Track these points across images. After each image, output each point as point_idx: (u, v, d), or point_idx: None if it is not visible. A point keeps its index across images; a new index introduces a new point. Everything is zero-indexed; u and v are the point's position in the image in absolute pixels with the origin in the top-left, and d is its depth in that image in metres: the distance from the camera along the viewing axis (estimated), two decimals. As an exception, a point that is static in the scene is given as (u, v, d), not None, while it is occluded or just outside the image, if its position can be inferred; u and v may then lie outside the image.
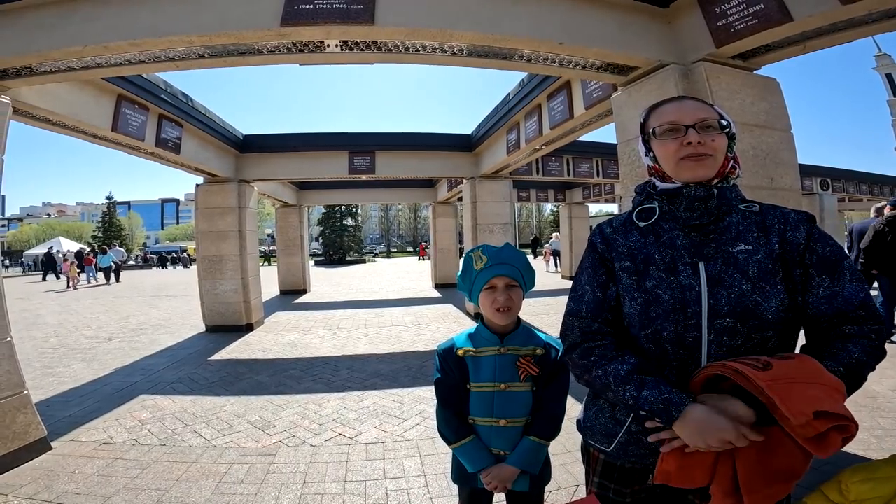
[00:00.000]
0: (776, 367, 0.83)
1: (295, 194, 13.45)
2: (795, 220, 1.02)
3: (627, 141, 3.45)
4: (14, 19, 2.88)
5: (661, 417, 0.92)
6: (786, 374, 0.81)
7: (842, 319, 0.93)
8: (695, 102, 1.08)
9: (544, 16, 3.04)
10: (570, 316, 1.13)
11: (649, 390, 0.94)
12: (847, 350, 0.89)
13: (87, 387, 4.79)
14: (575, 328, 1.10)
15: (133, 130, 5.00)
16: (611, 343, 1.05)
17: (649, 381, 0.95)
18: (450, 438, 1.42)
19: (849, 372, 0.87)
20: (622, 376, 0.98)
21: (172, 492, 2.63)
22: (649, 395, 0.93)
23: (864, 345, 0.90)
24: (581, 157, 10.05)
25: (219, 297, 7.77)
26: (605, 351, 1.04)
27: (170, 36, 2.82)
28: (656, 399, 0.92)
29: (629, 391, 0.96)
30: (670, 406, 0.91)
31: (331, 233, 36.00)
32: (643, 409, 0.94)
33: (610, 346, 1.05)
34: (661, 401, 0.92)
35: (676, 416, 0.90)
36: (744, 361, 0.87)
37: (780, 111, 3.21)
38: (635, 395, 0.95)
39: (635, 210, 1.14)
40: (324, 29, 2.87)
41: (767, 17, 2.71)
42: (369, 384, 4.64)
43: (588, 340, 1.06)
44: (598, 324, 1.08)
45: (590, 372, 1.04)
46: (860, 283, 0.96)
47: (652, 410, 0.93)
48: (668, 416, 0.91)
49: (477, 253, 1.44)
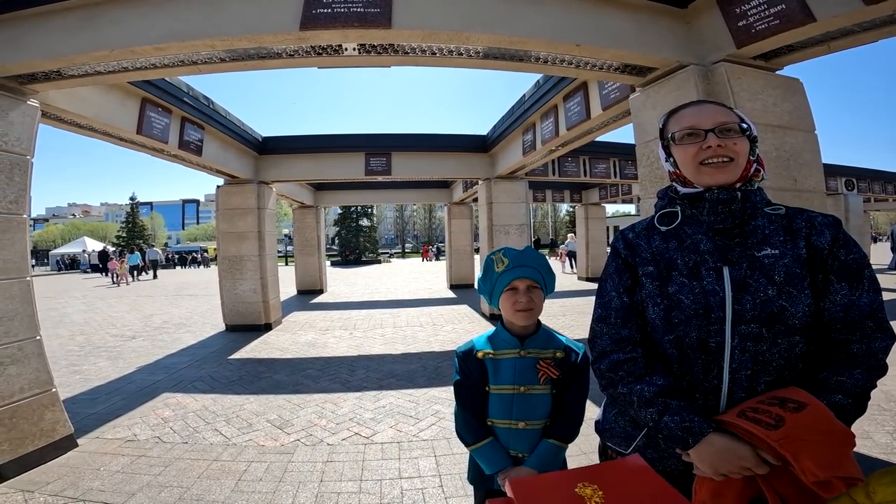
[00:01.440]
0: (789, 422, 0.83)
1: (312, 195, 13.61)
2: (822, 224, 1.01)
3: (646, 142, 3.41)
4: (43, 23, 2.97)
5: (679, 444, 0.93)
6: (797, 433, 0.82)
7: (851, 329, 0.93)
8: (714, 106, 1.07)
9: (561, 17, 3.03)
10: (599, 322, 1.12)
11: (671, 416, 0.94)
12: (853, 377, 0.90)
13: (113, 384, 4.93)
14: (604, 335, 1.10)
15: (157, 133, 5.12)
16: (640, 357, 1.04)
17: (673, 405, 0.95)
18: (468, 440, 1.42)
19: (856, 401, 0.89)
20: (646, 399, 0.98)
21: (194, 489, 2.69)
22: (670, 420, 0.94)
23: (871, 365, 0.91)
24: (598, 157, 9.96)
25: (238, 296, 7.90)
26: (633, 367, 1.03)
27: (193, 40, 2.89)
28: (676, 426, 0.93)
29: (651, 414, 0.97)
30: (688, 435, 0.92)
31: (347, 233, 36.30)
32: (661, 434, 0.96)
33: (639, 360, 1.04)
34: (680, 428, 0.93)
35: (692, 445, 0.91)
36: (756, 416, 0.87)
37: (803, 112, 3.14)
38: (656, 419, 0.96)
39: (657, 214, 1.13)
40: (342, 32, 2.90)
41: (789, 18, 2.66)
42: (385, 384, 4.68)
43: (618, 350, 1.06)
44: (628, 330, 1.07)
45: (615, 387, 1.05)
46: (875, 293, 0.95)
47: (670, 437, 0.94)
48: (684, 444, 0.92)
49: (498, 255, 1.44)
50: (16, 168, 3.10)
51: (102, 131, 4.66)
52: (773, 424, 0.83)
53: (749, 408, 0.88)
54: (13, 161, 3.08)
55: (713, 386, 0.98)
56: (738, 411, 0.89)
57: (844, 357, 0.92)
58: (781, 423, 0.83)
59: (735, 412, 0.89)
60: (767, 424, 0.83)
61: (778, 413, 0.85)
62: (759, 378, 0.95)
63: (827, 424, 0.84)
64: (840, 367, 0.92)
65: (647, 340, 1.07)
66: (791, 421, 0.83)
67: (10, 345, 2.99)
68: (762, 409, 0.86)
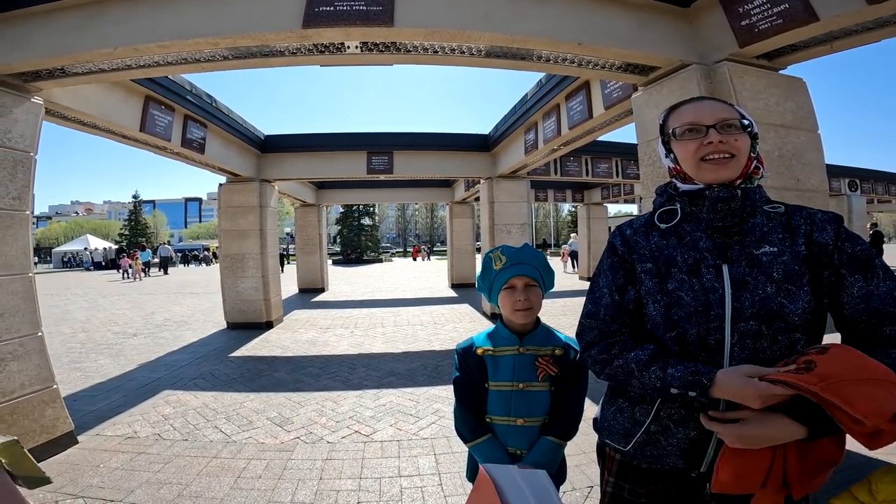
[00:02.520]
0: (820, 364, 0.80)
1: (314, 194, 13.62)
2: (822, 220, 1.00)
3: (648, 141, 3.41)
4: (47, 21, 2.98)
5: (694, 389, 0.91)
6: (833, 372, 0.77)
7: (880, 320, 0.90)
8: (714, 103, 1.07)
9: (563, 16, 3.02)
10: (588, 318, 1.12)
11: (674, 367, 0.94)
12: (889, 355, 0.85)
13: (114, 381, 4.94)
14: (593, 329, 1.10)
15: (160, 131, 5.13)
16: (629, 338, 1.06)
17: (672, 360, 0.96)
18: (467, 436, 1.42)
19: None
20: (644, 360, 0.98)
21: (193, 486, 2.70)
22: (675, 371, 0.93)
23: None
24: (600, 157, 9.95)
25: (240, 294, 7.92)
26: (623, 344, 1.05)
27: (196, 38, 2.89)
28: (683, 373, 0.92)
29: (654, 372, 0.96)
30: (700, 375, 0.90)
31: (348, 232, 36.36)
32: (673, 387, 0.93)
33: (629, 340, 1.06)
34: (688, 373, 0.92)
35: (709, 384, 0.89)
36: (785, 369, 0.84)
37: (806, 111, 3.13)
38: (661, 375, 0.95)
39: (656, 212, 1.13)
40: (344, 30, 2.90)
41: (792, 17, 2.65)
42: (385, 383, 4.69)
43: (607, 338, 1.07)
44: (617, 325, 1.08)
45: (610, 364, 1.05)
46: (893, 281, 0.93)
47: (682, 385, 0.92)
48: (700, 386, 0.90)
49: (496, 253, 1.44)
50: (19, 165, 3.10)
51: (106, 129, 4.67)
52: (804, 368, 0.80)
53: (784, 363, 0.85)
54: (16, 158, 3.09)
55: None
56: None
57: (878, 341, 0.90)
58: (813, 366, 0.79)
59: None
60: (798, 370, 0.80)
61: (807, 359, 0.81)
62: None
63: (863, 365, 0.79)
64: (874, 349, 0.89)
65: (636, 335, 1.08)
66: (822, 363, 0.79)
67: (12, 341, 3.00)
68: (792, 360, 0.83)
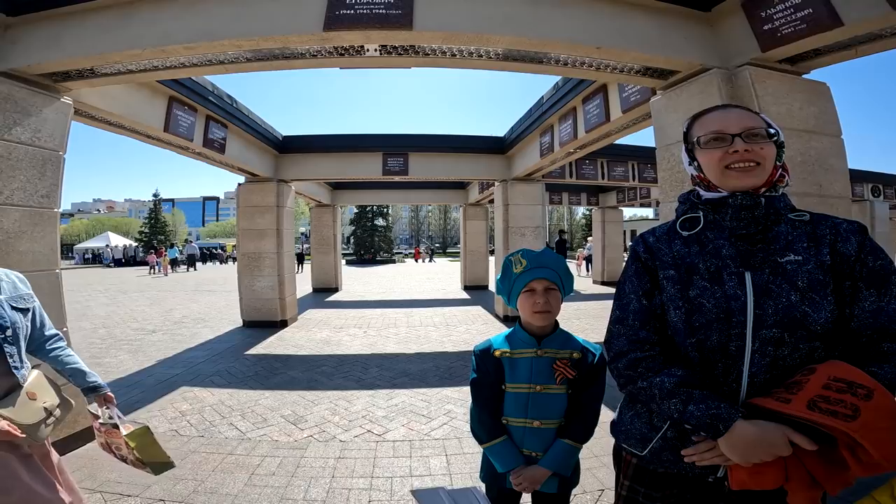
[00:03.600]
0: (864, 412, 0.82)
1: (329, 194, 13.75)
2: (847, 231, 1.00)
3: (667, 145, 3.37)
4: (78, 22, 3.06)
5: (708, 432, 0.92)
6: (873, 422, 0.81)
7: (882, 335, 0.92)
8: (740, 111, 1.06)
9: (582, 19, 3.01)
10: (616, 324, 1.12)
11: (696, 405, 0.94)
12: (883, 370, 0.88)
13: (133, 377, 5.05)
14: (621, 336, 1.10)
15: (183, 131, 5.24)
16: (658, 354, 1.04)
17: (697, 394, 0.95)
18: (482, 437, 1.43)
19: None
20: (668, 389, 0.98)
21: (208, 482, 2.74)
22: (696, 409, 0.93)
23: None
24: (616, 160, 9.88)
25: (256, 293, 8.02)
26: (651, 363, 1.03)
27: (221, 40, 2.94)
28: (703, 414, 0.92)
29: (674, 405, 0.96)
30: (717, 421, 0.91)
31: (362, 232, 36.58)
32: (688, 424, 0.95)
33: (657, 357, 1.04)
34: (707, 416, 0.92)
35: (724, 432, 0.90)
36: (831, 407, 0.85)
37: (829, 116, 3.07)
38: (681, 409, 0.95)
39: (679, 219, 1.13)
40: (364, 33, 2.94)
41: (816, 22, 2.60)
42: (398, 383, 4.71)
43: (635, 350, 1.06)
44: (646, 332, 1.07)
45: (634, 383, 1.05)
46: None
47: (698, 425, 0.93)
48: (714, 432, 0.91)
49: (516, 256, 1.45)
50: (48, 163, 3.20)
51: (131, 129, 4.78)
52: (851, 415, 0.82)
53: (819, 396, 0.86)
54: (45, 156, 3.18)
55: (731, 389, 0.98)
56: (806, 401, 0.86)
57: (875, 355, 0.91)
58: (857, 412, 0.82)
59: (803, 403, 0.86)
60: (845, 416, 0.82)
61: (853, 402, 0.83)
62: (777, 382, 0.94)
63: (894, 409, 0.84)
64: (870, 362, 0.90)
65: (664, 343, 1.07)
66: (866, 410, 0.83)
67: (39, 334, 3.08)
68: (834, 399, 0.84)
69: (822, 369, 0.89)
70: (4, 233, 2.94)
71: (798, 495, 0.89)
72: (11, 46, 3.07)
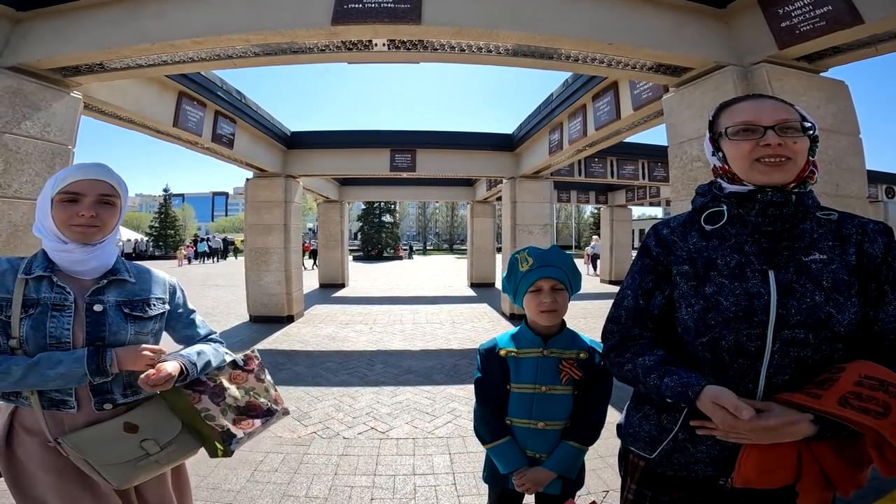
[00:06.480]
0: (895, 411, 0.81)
1: (337, 190, 13.77)
2: (874, 231, 0.97)
3: (679, 143, 3.32)
4: (87, 17, 3.08)
5: (681, 399, 0.93)
6: None
7: None
8: (774, 102, 1.00)
9: (593, 15, 2.97)
10: (610, 322, 1.13)
11: (671, 377, 0.95)
12: None
13: (140, 368, 5.07)
14: (615, 334, 1.11)
15: (192, 126, 5.26)
16: (648, 341, 1.06)
17: (674, 370, 0.96)
18: (486, 438, 1.41)
19: None
20: (648, 366, 1.00)
21: (210, 478, 2.73)
22: (670, 381, 0.95)
23: None
24: (626, 158, 9.79)
25: (263, 288, 8.05)
26: (640, 348, 1.05)
27: (230, 34, 2.95)
28: (675, 384, 0.93)
29: (653, 380, 0.98)
30: (686, 388, 0.92)
31: (369, 228, 36.63)
32: (666, 396, 0.96)
33: (647, 343, 1.06)
34: (679, 384, 0.93)
35: (693, 396, 0.91)
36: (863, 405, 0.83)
37: (848, 115, 3.00)
38: (658, 384, 0.96)
39: (698, 211, 1.09)
40: (372, 28, 2.92)
41: (836, 20, 2.54)
42: (403, 380, 4.70)
43: (627, 342, 1.07)
44: (638, 329, 1.08)
45: (623, 367, 1.06)
46: None
47: (672, 395, 0.94)
48: (685, 398, 0.92)
49: (523, 255, 1.42)
50: (57, 157, 3.22)
51: (140, 123, 4.81)
52: (882, 413, 0.80)
53: (851, 393, 0.84)
54: (55, 150, 3.20)
55: (747, 390, 0.94)
56: (838, 398, 0.84)
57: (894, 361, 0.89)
58: (889, 410, 0.81)
59: (834, 399, 0.84)
60: (877, 413, 0.81)
61: (885, 400, 0.82)
62: (796, 383, 0.91)
63: None
64: (894, 366, 0.87)
65: (664, 342, 1.07)
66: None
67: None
68: (866, 396, 0.83)
69: (854, 367, 0.87)
70: (13, 225, 2.96)
71: (810, 496, 0.87)
72: (21, 41, 3.09)
